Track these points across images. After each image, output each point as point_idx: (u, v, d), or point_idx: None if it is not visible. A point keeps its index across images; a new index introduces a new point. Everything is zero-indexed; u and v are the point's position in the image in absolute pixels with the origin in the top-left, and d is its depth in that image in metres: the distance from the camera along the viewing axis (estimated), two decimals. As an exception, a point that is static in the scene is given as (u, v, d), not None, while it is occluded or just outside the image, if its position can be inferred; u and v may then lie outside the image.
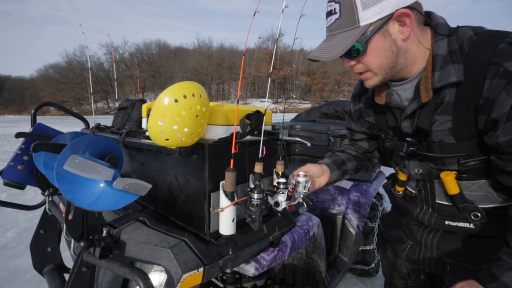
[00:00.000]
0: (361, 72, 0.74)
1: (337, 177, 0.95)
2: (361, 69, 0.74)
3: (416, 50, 0.71)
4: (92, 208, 0.64)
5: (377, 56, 0.70)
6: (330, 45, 0.69)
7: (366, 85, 0.77)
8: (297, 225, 0.93)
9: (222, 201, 0.67)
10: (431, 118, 0.73)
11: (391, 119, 0.84)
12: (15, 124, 19.60)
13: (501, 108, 0.62)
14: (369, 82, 0.75)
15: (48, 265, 1.24)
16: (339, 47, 0.67)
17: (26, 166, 0.98)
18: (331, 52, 0.68)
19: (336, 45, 0.68)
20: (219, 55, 48.89)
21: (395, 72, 0.72)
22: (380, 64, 0.71)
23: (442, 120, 0.72)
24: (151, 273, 0.71)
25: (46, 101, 1.19)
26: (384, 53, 0.69)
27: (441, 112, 0.72)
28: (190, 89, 0.58)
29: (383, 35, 0.68)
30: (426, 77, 0.71)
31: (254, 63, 4.81)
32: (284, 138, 0.84)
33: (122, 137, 0.84)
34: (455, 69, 0.67)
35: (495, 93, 0.62)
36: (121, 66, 42.36)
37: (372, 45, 0.68)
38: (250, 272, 0.78)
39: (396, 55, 0.70)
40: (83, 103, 44.07)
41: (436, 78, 0.69)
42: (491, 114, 0.63)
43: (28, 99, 50.67)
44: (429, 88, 0.70)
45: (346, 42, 0.66)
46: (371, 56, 0.70)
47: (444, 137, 0.72)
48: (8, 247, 2.41)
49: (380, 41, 0.68)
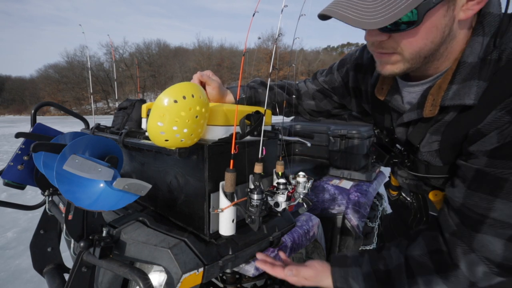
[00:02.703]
0: (385, 52, 0.54)
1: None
2: (388, 49, 0.53)
3: (460, 41, 0.53)
4: (92, 208, 0.64)
5: (425, 36, 0.49)
6: (374, 2, 0.45)
7: (380, 70, 0.58)
8: (297, 225, 0.93)
9: (222, 202, 0.67)
10: (424, 134, 0.62)
11: (388, 119, 0.73)
12: (15, 124, 19.59)
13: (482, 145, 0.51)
14: (388, 68, 0.56)
15: (48, 265, 1.24)
16: (390, 8, 0.44)
17: (26, 166, 0.98)
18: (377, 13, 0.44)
19: (384, 4, 0.44)
20: (219, 55, 48.90)
21: (424, 64, 0.55)
22: (421, 48, 0.51)
23: (430, 139, 0.61)
24: (151, 273, 0.71)
25: (46, 101, 1.19)
26: (434, 34, 0.49)
27: (433, 131, 0.61)
28: (189, 90, 0.58)
29: (447, 5, 0.47)
30: (439, 87, 0.56)
31: (254, 63, 4.86)
32: (284, 138, 0.84)
33: (122, 137, 0.84)
34: (478, 87, 0.51)
35: (490, 128, 0.50)
36: (121, 66, 42.37)
37: (428, 18, 0.47)
38: (250, 272, 0.78)
39: (443, 41, 0.51)
40: (83, 103, 44.06)
41: (450, 93, 0.54)
42: (471, 146, 0.54)
43: (28, 99, 50.64)
44: (437, 103, 0.56)
45: (401, 2, 0.43)
46: (417, 34, 0.49)
47: (431, 158, 0.63)
48: (8, 247, 2.41)
49: (440, 16, 0.48)
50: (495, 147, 0.49)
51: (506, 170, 0.49)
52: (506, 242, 0.51)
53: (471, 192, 0.54)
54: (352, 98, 0.87)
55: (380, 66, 0.58)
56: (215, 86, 0.87)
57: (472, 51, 0.52)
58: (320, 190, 1.75)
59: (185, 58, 49.40)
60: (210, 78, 0.87)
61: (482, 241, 0.53)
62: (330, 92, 0.92)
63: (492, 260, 0.52)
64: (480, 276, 0.54)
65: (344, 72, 0.86)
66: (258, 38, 15.04)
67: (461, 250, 0.56)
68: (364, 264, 0.66)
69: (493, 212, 0.51)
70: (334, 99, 0.93)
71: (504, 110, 0.48)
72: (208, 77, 0.87)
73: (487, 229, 0.52)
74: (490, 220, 0.52)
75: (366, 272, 0.65)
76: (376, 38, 0.52)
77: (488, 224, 0.52)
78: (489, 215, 0.52)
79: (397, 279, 0.61)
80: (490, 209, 0.51)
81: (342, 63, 0.87)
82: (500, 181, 0.49)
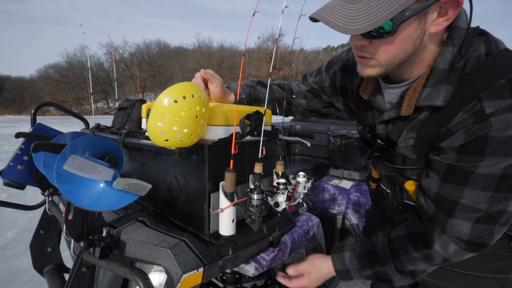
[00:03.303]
0: (364, 56, 0.61)
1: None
2: (367, 54, 0.60)
3: (431, 51, 0.61)
4: (92, 208, 0.64)
5: (399, 45, 0.56)
6: (356, 10, 0.50)
7: (360, 72, 0.65)
8: (297, 225, 0.93)
9: (222, 202, 0.67)
10: (401, 131, 0.70)
11: (370, 117, 0.80)
12: (15, 124, 19.60)
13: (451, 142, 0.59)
14: (367, 71, 0.63)
15: (48, 265, 1.24)
16: (369, 17, 0.49)
17: (26, 166, 0.98)
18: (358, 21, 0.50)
19: (365, 13, 0.50)
20: (219, 55, 48.92)
21: (398, 69, 0.62)
22: (395, 56, 0.58)
23: (407, 136, 0.69)
24: (151, 273, 0.71)
25: (46, 101, 1.19)
26: (407, 44, 0.56)
27: (409, 128, 0.68)
28: (189, 90, 0.58)
29: (418, 20, 0.54)
30: (414, 90, 0.63)
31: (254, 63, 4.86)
32: (284, 138, 0.84)
33: (121, 138, 0.84)
34: (446, 91, 0.59)
35: (458, 128, 0.58)
36: (121, 66, 42.38)
37: (402, 29, 0.53)
38: (250, 272, 0.78)
39: (415, 50, 0.58)
40: (83, 103, 44.07)
41: (423, 95, 0.61)
42: (442, 143, 0.61)
43: (28, 99, 50.65)
44: (412, 104, 0.63)
45: (379, 14, 0.49)
46: (392, 43, 0.56)
47: (407, 152, 0.71)
48: (8, 247, 2.41)
49: (412, 28, 0.54)
50: (462, 144, 0.58)
51: (471, 163, 0.57)
52: (473, 224, 0.61)
53: (444, 184, 0.63)
54: (339, 97, 0.95)
55: (361, 68, 0.65)
56: (218, 84, 0.89)
57: (443, 59, 0.59)
58: (320, 190, 1.75)
59: (185, 58, 49.42)
60: (214, 76, 0.88)
61: (453, 224, 0.63)
62: (319, 92, 0.99)
63: (461, 238, 0.63)
64: (452, 253, 0.65)
65: (332, 73, 0.93)
66: (258, 38, 15.07)
67: (436, 233, 0.66)
68: (357, 248, 0.78)
69: (462, 199, 0.60)
70: (323, 98, 1.00)
71: (469, 112, 0.56)
72: (211, 75, 0.88)
73: (458, 214, 0.62)
74: (460, 206, 0.61)
75: (359, 254, 0.77)
76: (358, 43, 0.59)
77: (459, 209, 0.61)
78: (459, 201, 0.61)
79: (383, 257, 0.72)
80: (460, 197, 0.61)
81: (329, 65, 0.95)
82: (467, 174, 0.58)
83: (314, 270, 0.81)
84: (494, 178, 0.56)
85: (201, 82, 0.88)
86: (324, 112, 1.05)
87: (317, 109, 1.03)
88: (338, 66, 0.91)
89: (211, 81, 0.88)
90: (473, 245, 0.62)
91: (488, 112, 0.53)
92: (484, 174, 0.56)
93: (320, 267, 0.81)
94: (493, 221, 0.59)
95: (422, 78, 0.63)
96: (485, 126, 0.54)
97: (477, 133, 0.55)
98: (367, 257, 0.76)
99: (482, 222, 0.60)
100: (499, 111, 0.52)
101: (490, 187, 0.57)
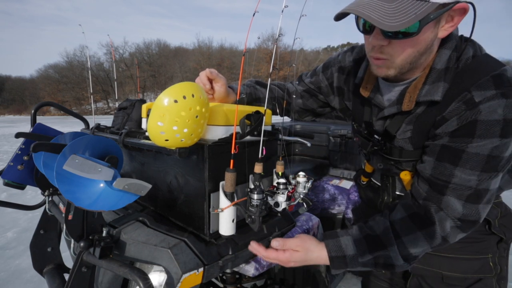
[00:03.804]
0: (380, 57, 0.66)
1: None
2: (384, 55, 0.65)
3: (432, 54, 0.68)
4: (92, 208, 0.64)
5: (415, 46, 0.61)
6: (392, 8, 0.53)
7: (376, 73, 0.71)
8: (297, 225, 0.93)
9: (222, 202, 0.67)
10: (400, 125, 0.75)
11: (367, 113, 0.84)
12: (15, 124, 19.60)
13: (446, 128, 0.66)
14: (382, 71, 0.69)
15: (48, 265, 1.24)
16: (405, 15, 0.52)
17: (26, 166, 0.98)
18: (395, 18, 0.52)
19: (401, 11, 0.52)
20: (219, 55, 48.92)
21: (409, 69, 0.68)
22: (409, 57, 0.64)
23: (405, 128, 0.74)
24: (151, 273, 0.71)
25: (46, 101, 1.19)
26: (422, 46, 0.62)
27: (407, 121, 0.74)
28: (189, 90, 0.58)
29: (434, 25, 0.59)
30: (415, 87, 0.70)
31: (254, 63, 4.87)
32: (284, 138, 0.84)
33: (121, 137, 0.83)
34: (443, 87, 0.66)
35: (451, 115, 0.65)
36: (121, 66, 42.38)
37: (423, 32, 0.58)
38: (250, 272, 0.78)
39: (425, 52, 0.64)
40: (83, 103, 44.06)
41: (423, 92, 0.68)
42: (437, 130, 0.68)
43: (28, 99, 50.64)
44: (413, 99, 0.69)
45: (411, 13, 0.52)
46: (411, 44, 0.61)
47: (404, 144, 0.76)
48: (8, 247, 2.42)
49: (429, 31, 0.59)
50: (455, 129, 0.64)
51: (463, 143, 0.64)
52: (464, 202, 0.66)
53: (438, 163, 0.68)
54: (336, 97, 1.00)
55: (377, 70, 0.70)
56: (223, 84, 0.89)
57: (440, 60, 0.67)
58: (320, 190, 1.75)
59: (185, 58, 49.42)
60: (218, 76, 0.89)
61: (447, 202, 0.67)
62: (316, 92, 1.03)
63: (455, 216, 0.67)
64: (448, 230, 0.68)
65: (329, 74, 0.98)
66: (258, 38, 15.07)
67: (433, 209, 0.70)
68: (354, 233, 0.76)
69: (454, 178, 0.66)
70: (319, 98, 1.05)
71: (461, 101, 0.63)
72: (216, 74, 0.89)
73: (450, 192, 0.67)
74: (452, 185, 0.66)
75: (356, 238, 0.75)
76: (380, 42, 0.63)
77: (451, 188, 0.67)
78: (451, 180, 0.66)
79: (386, 240, 0.72)
80: (451, 176, 0.66)
81: (326, 66, 1.00)
82: (459, 152, 0.64)
83: (301, 250, 0.74)
84: (482, 158, 0.62)
85: (207, 81, 0.89)
86: (319, 112, 1.10)
87: (312, 108, 1.07)
88: (335, 67, 0.96)
89: (216, 80, 0.89)
90: (465, 223, 0.68)
91: (477, 100, 0.61)
92: (473, 153, 0.63)
93: (309, 250, 0.74)
94: (480, 199, 0.66)
95: (422, 76, 0.69)
96: (475, 112, 0.61)
97: (469, 118, 0.62)
98: (367, 242, 0.73)
99: (471, 201, 0.66)
100: (486, 99, 0.60)
101: (478, 167, 0.63)
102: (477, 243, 0.82)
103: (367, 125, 0.85)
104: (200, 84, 0.88)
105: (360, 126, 0.88)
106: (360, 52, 0.90)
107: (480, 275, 0.82)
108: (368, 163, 0.94)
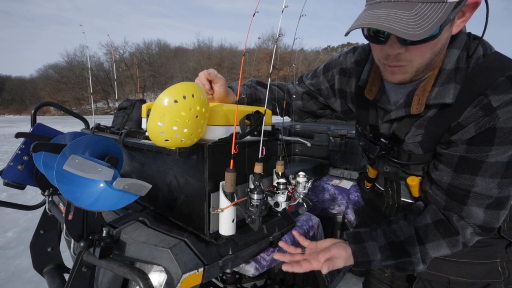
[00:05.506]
0: (398, 65, 0.62)
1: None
2: (403, 62, 0.61)
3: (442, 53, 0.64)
4: (92, 208, 0.64)
5: (433, 48, 0.58)
6: (413, 16, 0.50)
7: (390, 80, 0.67)
8: (297, 225, 0.93)
9: (222, 202, 0.67)
10: (409, 128, 0.72)
11: (373, 117, 0.81)
12: (15, 124, 19.61)
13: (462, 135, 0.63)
14: (397, 77, 0.65)
15: (48, 265, 1.24)
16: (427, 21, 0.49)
17: (26, 166, 0.98)
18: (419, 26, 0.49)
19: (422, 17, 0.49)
20: (219, 55, 48.90)
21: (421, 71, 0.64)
22: (427, 59, 0.60)
23: (416, 132, 0.72)
24: (151, 273, 0.71)
25: (46, 101, 1.19)
26: (438, 46, 0.59)
27: (417, 125, 0.71)
28: (189, 90, 0.58)
29: (450, 23, 0.56)
30: (424, 89, 0.67)
31: (254, 63, 4.82)
32: (284, 138, 0.84)
33: (122, 137, 0.84)
34: (454, 89, 0.63)
35: (468, 121, 0.62)
36: (121, 66, 42.37)
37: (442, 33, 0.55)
38: (250, 272, 0.78)
39: (439, 52, 0.61)
40: (83, 103, 44.04)
41: (433, 94, 0.65)
42: (452, 136, 0.65)
43: (28, 99, 50.61)
44: (423, 102, 0.67)
45: (433, 17, 0.49)
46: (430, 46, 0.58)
47: (414, 148, 0.74)
48: (8, 247, 2.41)
49: (446, 30, 0.57)
50: (473, 136, 0.62)
51: (482, 153, 0.62)
52: (485, 209, 0.65)
53: (457, 175, 0.67)
54: (337, 99, 0.97)
55: (392, 76, 0.66)
56: (222, 84, 0.89)
57: (450, 60, 0.64)
58: (320, 190, 1.75)
59: (185, 58, 49.39)
60: (217, 76, 0.88)
61: (468, 211, 0.67)
62: (316, 94, 1.02)
63: (476, 223, 0.67)
64: (468, 237, 0.69)
65: (330, 76, 0.96)
66: (258, 38, 15.04)
67: (455, 218, 0.69)
68: (378, 238, 0.75)
69: (475, 187, 0.65)
70: (319, 100, 1.02)
71: (478, 106, 0.60)
72: (215, 75, 0.88)
73: (471, 202, 0.66)
74: (473, 194, 0.65)
75: (382, 245, 0.74)
76: (397, 51, 0.59)
77: (472, 197, 0.66)
78: (472, 190, 0.65)
79: (410, 249, 0.71)
80: (472, 186, 0.65)
81: (327, 68, 0.97)
82: (478, 163, 0.63)
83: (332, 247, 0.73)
84: (502, 165, 0.61)
85: (206, 82, 0.88)
86: (319, 114, 1.08)
87: (312, 110, 1.06)
88: (336, 69, 0.93)
89: (215, 81, 0.88)
90: (485, 230, 0.67)
91: (495, 105, 0.58)
92: (493, 162, 0.61)
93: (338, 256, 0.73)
94: (501, 205, 0.65)
95: (431, 78, 0.66)
96: (493, 118, 0.59)
97: (487, 125, 0.60)
98: (391, 249, 0.73)
99: (492, 208, 0.65)
100: (504, 104, 0.57)
101: (498, 174, 0.62)
102: (485, 247, 0.79)
103: (373, 128, 0.82)
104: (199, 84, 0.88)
105: (365, 129, 0.86)
106: (362, 53, 0.87)
107: (488, 280, 0.80)
108: (371, 167, 0.92)
